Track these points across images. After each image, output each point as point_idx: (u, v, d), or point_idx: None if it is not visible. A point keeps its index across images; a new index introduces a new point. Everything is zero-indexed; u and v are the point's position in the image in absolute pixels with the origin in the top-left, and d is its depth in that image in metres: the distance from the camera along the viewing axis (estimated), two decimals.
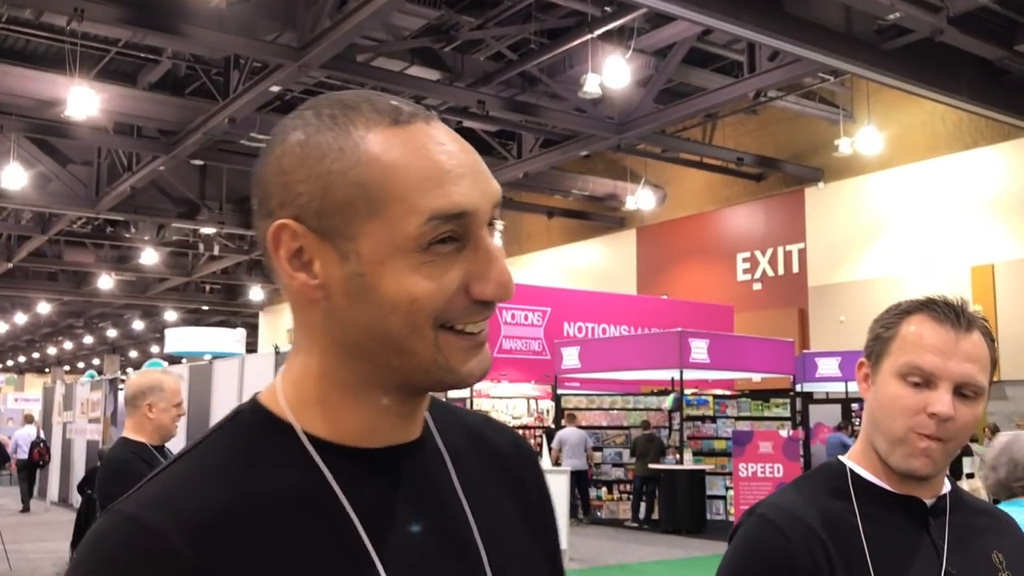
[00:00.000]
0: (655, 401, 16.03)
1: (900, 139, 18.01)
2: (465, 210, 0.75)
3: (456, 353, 0.78)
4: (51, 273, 30.02)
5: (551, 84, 14.84)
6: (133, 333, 43.97)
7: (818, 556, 1.29)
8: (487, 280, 0.76)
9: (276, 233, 0.76)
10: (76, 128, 15.34)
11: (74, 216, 20.81)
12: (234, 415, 0.82)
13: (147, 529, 0.71)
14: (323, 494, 0.77)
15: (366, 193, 0.74)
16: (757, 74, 13.43)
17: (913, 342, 1.33)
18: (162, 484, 0.75)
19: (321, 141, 0.76)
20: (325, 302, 0.77)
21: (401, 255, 0.74)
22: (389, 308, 0.75)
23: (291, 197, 0.76)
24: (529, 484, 0.95)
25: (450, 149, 0.76)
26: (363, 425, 0.80)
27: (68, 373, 48.76)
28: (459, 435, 0.90)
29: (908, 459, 1.31)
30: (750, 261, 21.11)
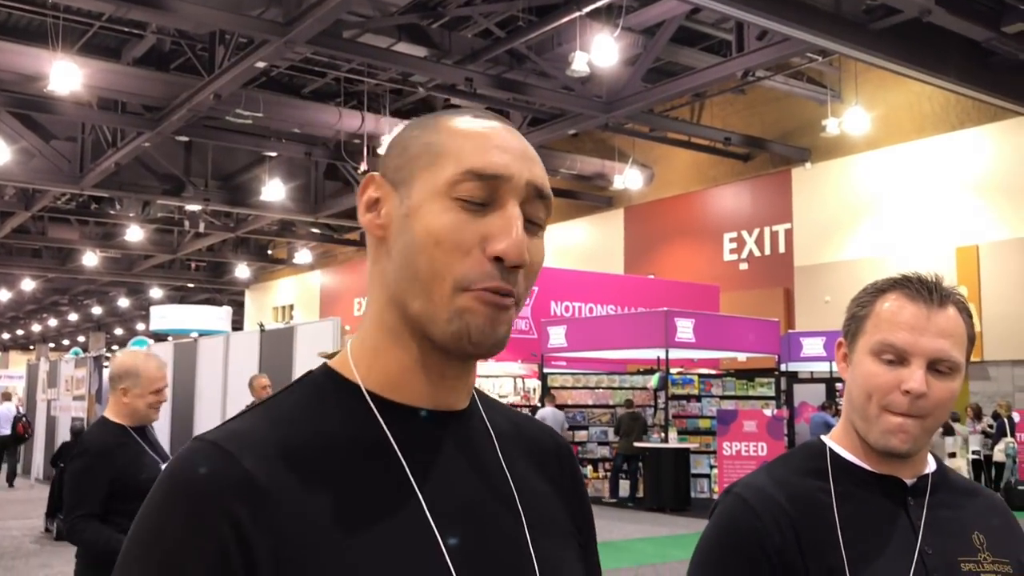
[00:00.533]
0: (641, 380, 16.10)
1: (887, 120, 18.04)
2: (498, 173, 0.86)
3: (471, 309, 0.85)
4: (35, 250, 29.83)
5: (539, 62, 14.77)
6: (118, 310, 43.79)
7: (787, 535, 1.30)
8: (499, 239, 0.84)
9: (365, 183, 0.91)
10: (60, 103, 15.19)
11: (58, 192, 20.66)
12: (304, 376, 0.92)
13: (224, 451, 0.82)
14: (379, 445, 0.87)
15: (428, 150, 0.88)
16: (745, 53, 13.41)
17: (886, 319, 1.34)
18: (239, 423, 0.86)
19: (419, 124, 0.92)
20: (385, 242, 0.89)
21: (435, 199, 0.85)
22: (418, 246, 0.85)
23: (385, 160, 0.92)
24: (566, 479, 1.02)
25: (506, 137, 0.90)
26: (408, 377, 0.89)
27: (53, 350, 48.54)
28: (502, 419, 0.99)
29: (886, 436, 1.31)
30: (737, 241, 21.16)
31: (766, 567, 1.30)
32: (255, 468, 0.81)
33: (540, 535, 0.91)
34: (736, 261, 21.12)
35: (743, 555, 1.31)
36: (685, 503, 13.81)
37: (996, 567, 1.35)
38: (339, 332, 9.91)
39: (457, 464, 0.90)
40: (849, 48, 11.93)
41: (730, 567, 1.32)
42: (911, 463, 1.37)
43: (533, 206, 0.88)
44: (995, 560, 1.35)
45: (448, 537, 0.85)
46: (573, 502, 1.01)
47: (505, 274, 0.85)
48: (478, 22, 14.79)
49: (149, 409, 3.48)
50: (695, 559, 1.38)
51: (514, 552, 0.89)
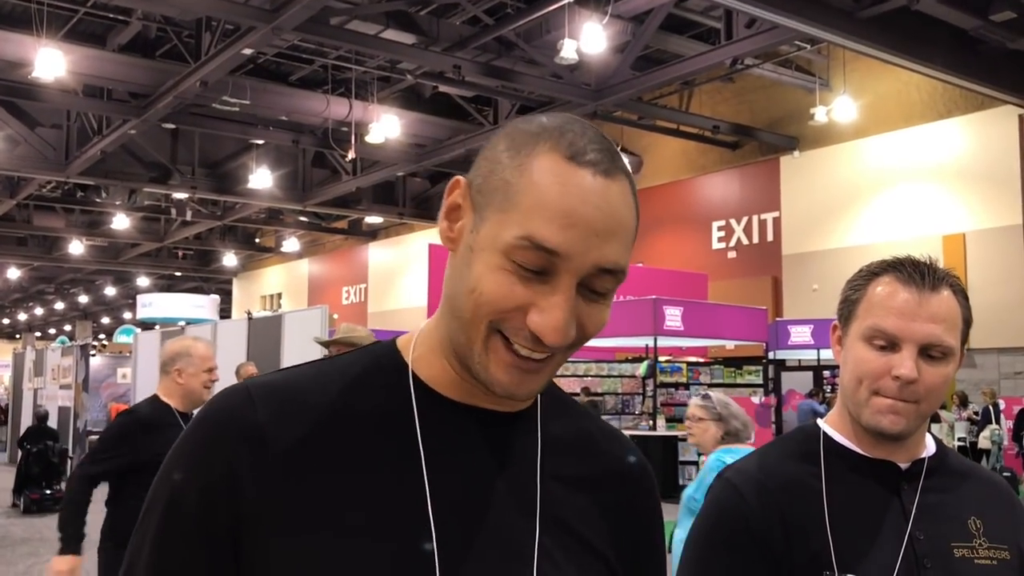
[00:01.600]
0: (629, 368, 16.14)
1: (875, 108, 18.07)
2: (556, 249, 0.81)
3: (498, 361, 0.85)
4: (20, 238, 29.62)
5: (528, 49, 14.72)
6: (105, 299, 43.58)
7: (773, 521, 1.30)
8: (540, 315, 0.82)
9: (452, 184, 0.89)
10: (44, 90, 15.06)
11: (43, 180, 20.50)
12: (373, 345, 0.97)
13: (248, 397, 0.88)
14: (402, 424, 0.88)
15: (506, 191, 0.84)
16: (734, 41, 13.40)
17: (878, 304, 1.33)
18: (283, 375, 0.92)
19: (518, 138, 0.87)
20: (453, 256, 0.89)
21: (494, 253, 0.83)
22: (468, 288, 0.84)
23: (476, 167, 0.89)
24: (624, 501, 0.98)
25: (590, 201, 0.83)
26: (450, 381, 0.91)
27: (39, 339, 48.27)
28: (565, 427, 0.97)
29: (876, 416, 1.31)
30: (725, 229, 21.19)
31: (753, 552, 1.30)
32: (268, 419, 0.86)
33: (555, 552, 0.89)
34: (724, 249, 21.16)
35: (733, 539, 1.31)
36: (673, 490, 13.86)
37: (992, 553, 1.32)
38: (327, 320, 9.90)
39: (480, 462, 0.89)
40: (837, 36, 11.94)
41: (719, 551, 1.32)
42: (906, 447, 1.36)
43: (598, 280, 0.85)
44: (991, 546, 1.33)
45: (444, 530, 0.84)
46: (627, 528, 0.97)
47: (539, 344, 0.84)
48: (466, 9, 14.72)
49: (203, 388, 3.66)
50: (688, 542, 1.38)
51: (513, 563, 0.86)
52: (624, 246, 0.85)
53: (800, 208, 19.57)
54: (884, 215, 18.00)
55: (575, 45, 12.77)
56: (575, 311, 0.84)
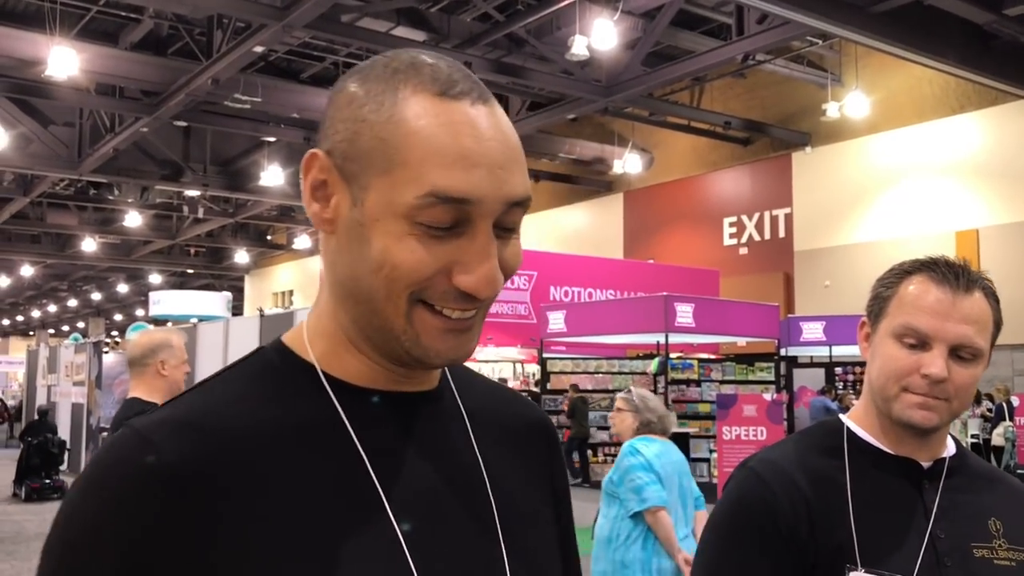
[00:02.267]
0: (640, 365, 16.11)
1: (888, 104, 17.99)
2: (467, 196, 0.74)
3: (429, 330, 0.78)
4: (34, 235, 29.78)
5: (538, 46, 14.71)
6: (118, 296, 43.78)
7: (799, 510, 1.30)
8: (469, 272, 0.76)
9: (308, 161, 0.79)
10: (57, 88, 15.13)
11: (56, 178, 20.61)
12: (255, 352, 0.85)
13: (147, 441, 0.73)
14: (334, 430, 0.79)
15: (384, 149, 0.75)
16: (745, 37, 13.35)
17: (910, 303, 1.32)
18: (173, 407, 0.78)
19: (370, 89, 0.78)
20: (334, 239, 0.79)
21: (394, 219, 0.75)
22: (373, 266, 0.76)
23: (331, 132, 0.79)
24: (545, 456, 0.96)
25: (479, 135, 0.76)
26: (367, 371, 0.82)
27: (52, 336, 48.55)
28: (477, 396, 0.91)
29: (907, 411, 1.31)
30: (737, 226, 21.13)
31: (777, 540, 1.30)
32: (181, 458, 0.72)
33: (513, 520, 0.85)
34: (736, 246, 21.10)
35: (755, 528, 1.31)
36: None
37: (1011, 554, 1.33)
38: None
39: (420, 448, 0.82)
40: (849, 31, 11.88)
41: (742, 539, 1.32)
42: (929, 446, 1.36)
43: (509, 215, 0.78)
44: (1011, 547, 1.33)
45: (406, 525, 0.78)
46: (553, 481, 0.96)
47: (469, 300, 0.77)
48: (477, 6, 14.72)
49: (183, 381, 3.47)
50: (707, 531, 1.38)
51: (481, 539, 0.82)
52: (524, 172, 0.79)
53: (812, 204, 19.50)
54: (897, 211, 17.91)
55: (586, 41, 12.75)
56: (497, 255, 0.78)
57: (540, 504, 0.92)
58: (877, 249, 17.30)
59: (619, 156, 21.05)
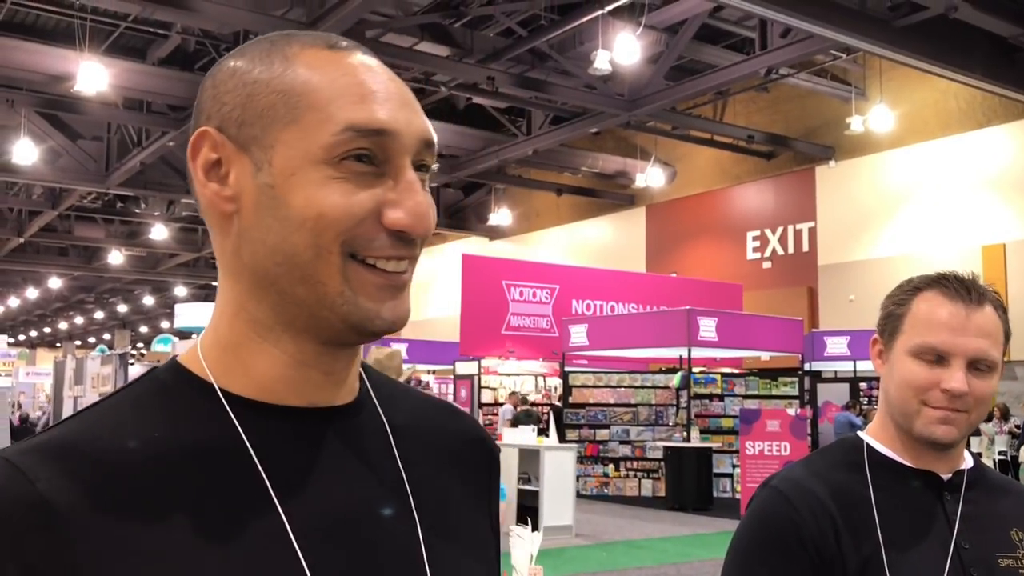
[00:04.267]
0: (663, 379, 16.05)
1: (912, 117, 17.88)
2: (385, 127, 0.71)
3: (366, 288, 0.72)
4: (62, 248, 30.11)
5: (561, 60, 14.76)
6: (143, 308, 44.14)
7: (825, 527, 1.31)
8: (400, 208, 0.71)
9: (196, 141, 0.74)
10: (86, 103, 15.34)
11: (84, 191, 20.85)
12: (146, 373, 0.77)
13: (15, 470, 0.66)
14: (233, 453, 0.71)
15: (286, 100, 0.71)
16: (769, 51, 13.34)
17: (925, 320, 1.34)
18: (51, 433, 0.70)
19: (255, 56, 0.75)
20: (237, 218, 0.73)
21: (313, 167, 0.70)
22: (296, 223, 0.70)
23: (216, 108, 0.74)
24: (482, 473, 0.89)
25: (379, 76, 0.74)
26: (279, 376, 0.75)
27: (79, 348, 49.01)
28: (405, 411, 0.84)
29: (928, 427, 1.32)
30: (760, 239, 21.04)
31: (804, 558, 1.30)
32: (55, 490, 0.65)
33: (440, 543, 0.78)
34: (759, 260, 21.01)
35: (781, 546, 1.31)
36: (707, 502, 13.76)
37: None
38: None
39: (335, 470, 0.75)
40: (874, 45, 11.84)
41: (768, 559, 1.32)
42: (947, 458, 1.38)
43: (422, 155, 0.75)
44: None
45: (313, 555, 0.70)
46: (491, 500, 0.89)
47: (404, 244, 0.73)
48: (500, 21, 14.79)
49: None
50: (732, 551, 1.38)
51: (402, 563, 0.75)
52: (426, 118, 0.76)
53: (836, 218, 19.39)
54: (922, 225, 17.78)
55: (608, 56, 12.78)
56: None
57: (475, 525, 0.85)
58: (902, 263, 17.17)
59: (642, 170, 21.04)
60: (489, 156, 18.54)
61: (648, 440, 15.48)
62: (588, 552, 10.14)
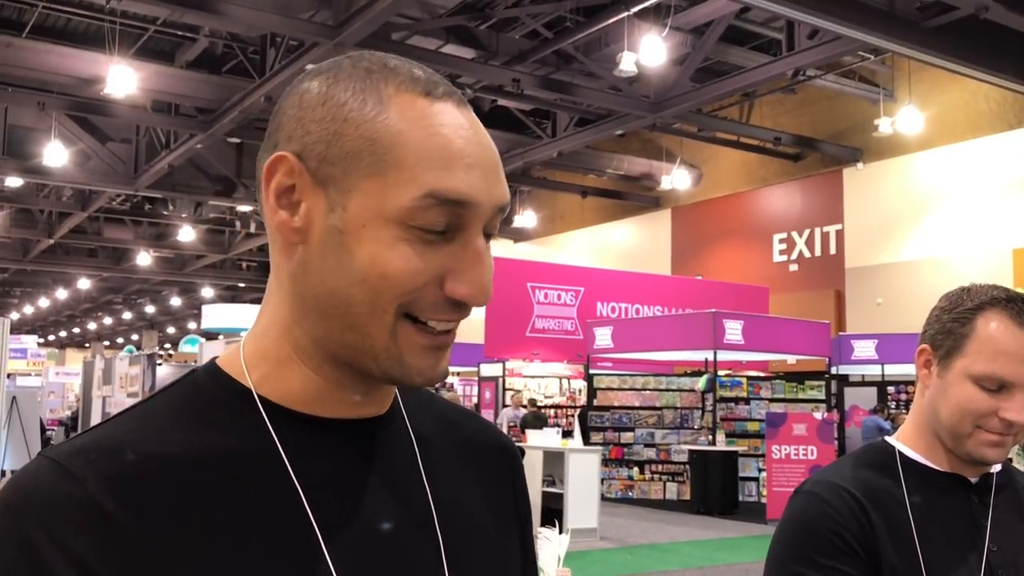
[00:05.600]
0: (688, 382, 15.99)
1: (942, 119, 17.70)
2: (466, 199, 0.70)
3: (412, 348, 0.72)
4: (91, 249, 30.42)
5: (586, 62, 14.74)
6: (171, 309, 44.52)
7: (862, 522, 1.31)
8: (464, 280, 0.71)
9: (273, 164, 0.73)
10: (115, 106, 15.50)
11: (113, 193, 21.06)
12: (187, 375, 0.78)
13: (65, 471, 0.67)
14: (269, 461, 0.72)
15: (372, 150, 0.70)
16: (796, 52, 13.25)
17: (992, 348, 1.31)
18: (94, 434, 0.71)
19: (347, 87, 0.72)
20: (303, 249, 0.73)
21: (385, 225, 0.69)
22: (357, 276, 0.70)
23: (300, 133, 0.72)
24: (509, 484, 0.90)
25: (470, 137, 0.72)
26: (315, 393, 0.76)
27: (107, 348, 49.52)
28: (431, 422, 0.85)
29: (980, 449, 1.32)
30: (787, 242, 20.91)
31: (852, 554, 1.30)
32: (103, 491, 0.66)
33: (462, 552, 0.79)
34: (786, 262, 20.87)
35: (828, 547, 1.30)
36: (733, 506, 13.69)
37: None
38: None
39: (365, 479, 0.76)
40: (902, 46, 11.72)
41: (817, 561, 1.30)
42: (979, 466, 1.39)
43: (493, 221, 0.74)
44: None
45: (344, 564, 0.71)
46: (517, 507, 0.90)
47: (458, 309, 0.73)
48: (526, 23, 14.79)
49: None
50: (774, 561, 1.36)
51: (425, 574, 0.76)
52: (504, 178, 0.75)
53: (864, 220, 19.23)
54: (951, 228, 17.59)
55: (634, 58, 12.75)
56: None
57: (501, 532, 0.85)
58: (931, 266, 17.00)
59: (667, 172, 20.97)
60: (514, 158, 18.54)
61: (673, 443, 15.42)
62: (613, 555, 10.11)
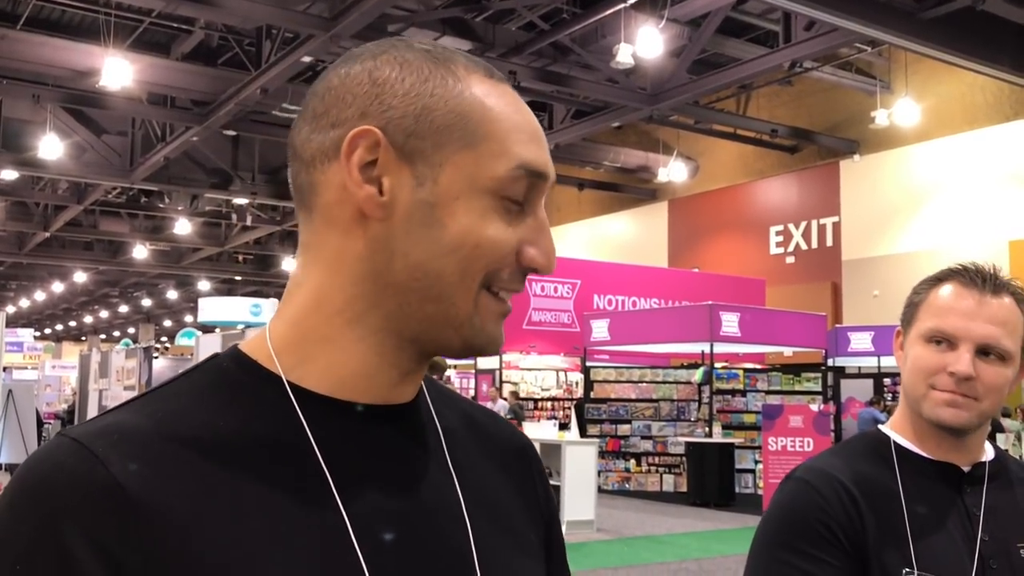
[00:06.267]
0: (685, 374, 16.01)
1: (938, 111, 17.70)
2: (545, 171, 0.75)
3: (490, 315, 0.75)
4: (87, 243, 30.37)
5: (583, 54, 14.71)
6: (167, 302, 44.48)
7: (852, 512, 1.32)
8: (540, 248, 0.75)
9: (355, 138, 0.72)
10: (111, 98, 15.45)
11: (109, 186, 21.01)
12: (209, 359, 0.77)
13: (87, 452, 0.66)
14: (297, 446, 0.72)
15: (465, 124, 0.73)
16: (792, 44, 13.23)
17: (937, 306, 1.36)
18: (114, 416, 0.71)
19: (424, 67, 0.74)
20: (380, 225, 0.72)
21: (477, 195, 0.72)
22: (449, 247, 0.72)
23: (381, 109, 0.73)
24: (528, 477, 0.90)
25: (532, 116, 0.78)
26: (355, 371, 0.75)
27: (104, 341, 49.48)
28: (454, 416, 0.86)
29: (935, 409, 1.34)
30: (783, 234, 20.92)
31: (833, 543, 1.30)
32: (125, 473, 0.65)
33: (490, 542, 0.79)
34: (783, 255, 20.89)
35: (810, 533, 1.31)
36: (729, 498, 13.71)
37: None
38: None
39: (392, 469, 0.76)
40: (899, 38, 11.72)
41: (797, 546, 1.32)
42: (967, 450, 1.39)
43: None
44: None
45: (371, 550, 0.71)
46: (539, 502, 0.90)
47: (523, 279, 0.77)
48: (522, 15, 14.75)
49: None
50: (758, 543, 1.37)
51: (454, 564, 0.76)
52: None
53: (861, 213, 19.24)
54: (948, 220, 17.61)
55: (631, 49, 12.72)
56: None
57: (526, 527, 0.86)
58: (927, 259, 17.01)
59: (664, 164, 20.96)
60: None
61: (670, 435, 15.44)
62: (610, 547, 10.13)
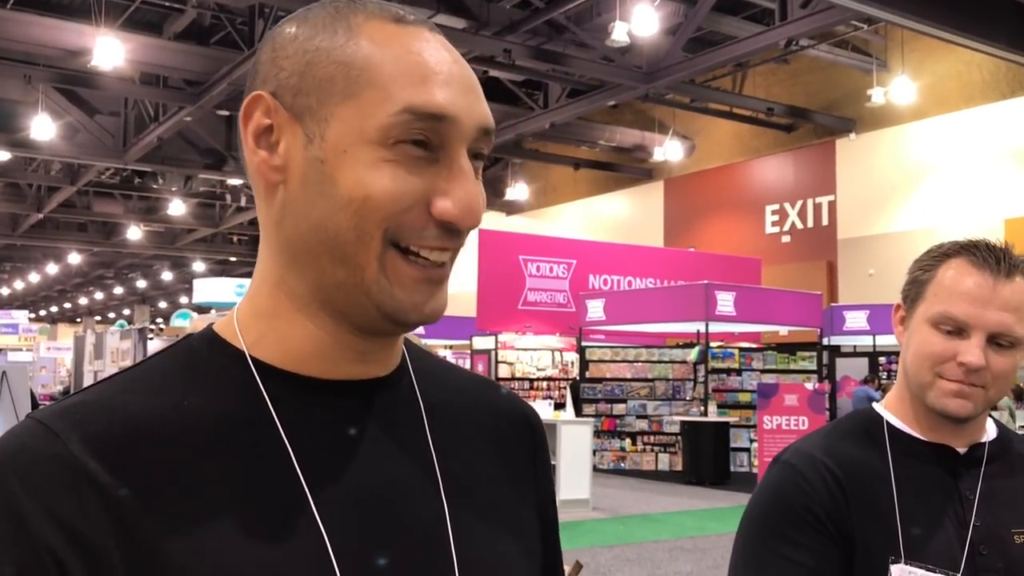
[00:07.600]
0: (680, 354, 16.03)
1: (935, 89, 17.65)
2: (444, 112, 0.69)
3: (402, 279, 0.70)
4: (81, 224, 30.28)
5: (578, 32, 14.63)
6: (162, 284, 44.42)
7: (837, 497, 1.28)
8: (450, 197, 0.69)
9: (250, 105, 0.72)
10: (103, 78, 15.35)
11: (102, 167, 20.92)
12: (182, 339, 0.76)
13: (49, 432, 0.66)
14: (260, 422, 0.71)
15: (346, 72, 0.69)
16: (789, 22, 13.17)
17: (948, 288, 1.29)
18: (83, 396, 0.71)
19: (318, 23, 0.72)
20: (283, 189, 0.71)
21: (366, 146, 0.68)
22: (341, 203, 0.68)
23: (274, 72, 0.72)
24: (530, 456, 0.87)
25: (445, 57, 0.72)
26: (313, 350, 0.73)
27: (99, 323, 49.44)
28: (445, 392, 0.82)
29: (942, 399, 1.28)
30: (779, 213, 20.90)
31: (818, 527, 1.28)
32: (86, 452, 0.65)
33: (469, 521, 0.76)
34: (778, 234, 20.88)
35: (795, 518, 1.29)
36: (724, 477, 13.77)
37: None
38: None
39: (361, 445, 0.73)
40: (895, 15, 11.66)
41: (783, 531, 1.29)
42: (965, 432, 1.33)
43: (479, 142, 0.73)
44: None
45: (336, 532, 0.69)
46: (537, 481, 0.86)
47: (449, 236, 0.71)
48: None
49: None
50: (745, 527, 1.35)
51: (425, 541, 0.73)
52: (486, 103, 0.74)
53: (856, 191, 19.22)
54: (944, 198, 17.60)
55: (626, 27, 12.66)
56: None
57: (517, 503, 0.82)
58: (923, 237, 16.99)
59: (660, 143, 20.90)
60: (506, 130, 18.44)
61: (665, 415, 15.49)
62: (605, 525, 10.17)
